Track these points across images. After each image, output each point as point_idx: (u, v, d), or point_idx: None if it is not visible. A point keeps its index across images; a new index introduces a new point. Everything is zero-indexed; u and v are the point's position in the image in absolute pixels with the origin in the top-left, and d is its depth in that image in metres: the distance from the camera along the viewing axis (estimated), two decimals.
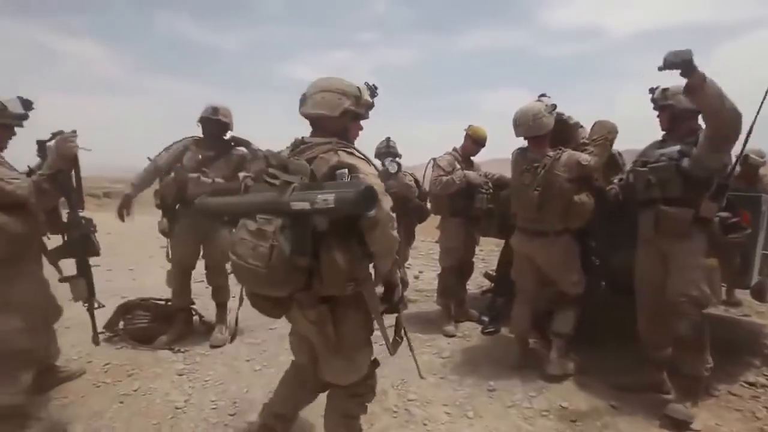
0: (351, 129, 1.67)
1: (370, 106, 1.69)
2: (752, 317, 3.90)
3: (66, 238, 2.26)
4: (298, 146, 1.57)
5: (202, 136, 3.12)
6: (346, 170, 1.43)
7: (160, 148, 3.13)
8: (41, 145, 2.21)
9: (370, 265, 1.56)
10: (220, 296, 3.27)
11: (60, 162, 2.08)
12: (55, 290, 2.36)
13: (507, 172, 4.80)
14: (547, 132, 2.65)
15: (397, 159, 3.73)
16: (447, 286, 3.61)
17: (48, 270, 2.30)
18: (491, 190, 3.52)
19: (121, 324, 3.14)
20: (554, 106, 2.64)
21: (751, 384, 2.68)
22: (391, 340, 1.65)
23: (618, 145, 2.81)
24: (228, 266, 3.20)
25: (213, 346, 3.08)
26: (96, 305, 2.33)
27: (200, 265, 3.28)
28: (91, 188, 10.87)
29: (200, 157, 3.01)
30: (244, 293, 1.62)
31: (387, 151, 3.82)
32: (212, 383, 2.63)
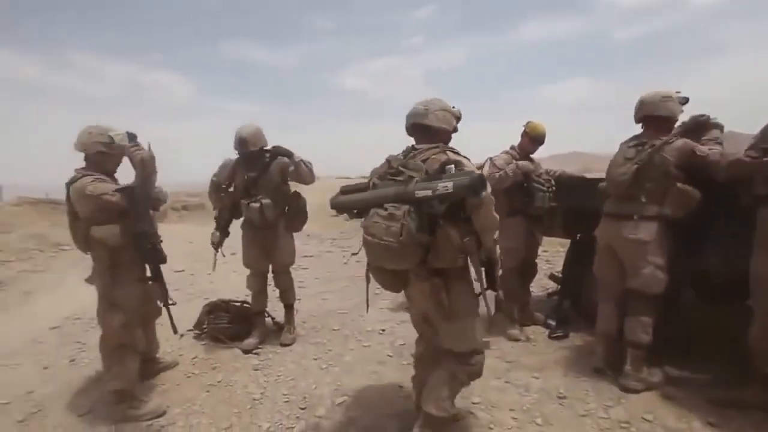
0: (451, 139, 2.06)
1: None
2: None
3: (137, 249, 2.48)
4: (410, 152, 1.92)
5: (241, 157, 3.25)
6: (453, 165, 1.72)
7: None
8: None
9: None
10: (287, 298, 3.48)
11: (141, 172, 2.32)
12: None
13: (570, 169, 4.63)
14: (671, 117, 2.52)
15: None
16: (509, 288, 3.51)
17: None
18: (553, 188, 3.41)
19: (205, 323, 3.46)
20: (686, 99, 2.53)
21: None
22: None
23: None
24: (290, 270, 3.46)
25: (283, 345, 3.30)
26: (171, 302, 2.59)
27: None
28: (174, 203, 11.96)
29: (246, 177, 3.18)
30: (368, 271, 1.96)
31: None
32: (284, 379, 2.83)
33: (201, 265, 5.54)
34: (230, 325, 3.38)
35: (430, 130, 1.97)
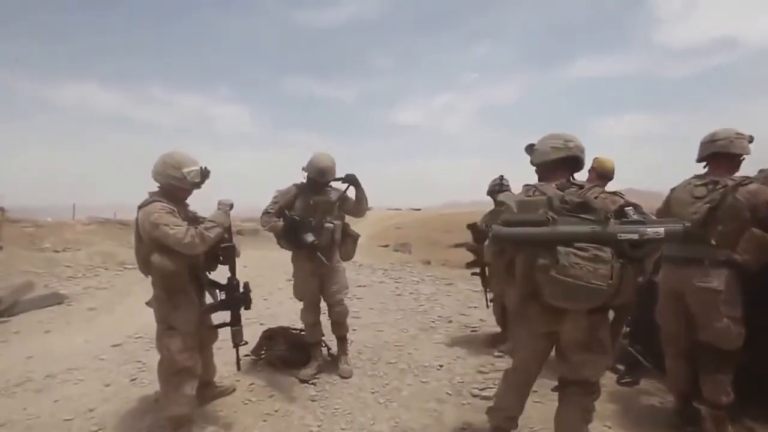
0: None
1: None
2: None
3: (225, 297, 2.53)
4: (566, 187, 1.94)
5: (305, 183, 3.22)
6: (632, 208, 1.75)
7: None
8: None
9: None
10: (341, 330, 3.40)
11: (223, 223, 2.44)
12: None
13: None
14: (740, 155, 2.38)
15: None
16: None
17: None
18: None
19: (263, 349, 3.47)
20: (752, 138, 2.39)
21: None
22: None
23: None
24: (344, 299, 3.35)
25: (343, 377, 3.22)
26: (243, 342, 2.58)
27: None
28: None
29: (312, 202, 3.16)
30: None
31: (500, 189, 3.77)
32: (341, 412, 2.75)
33: (257, 290, 5.64)
34: (288, 352, 3.36)
35: (577, 164, 2.05)
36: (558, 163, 2.03)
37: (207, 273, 2.57)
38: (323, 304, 3.37)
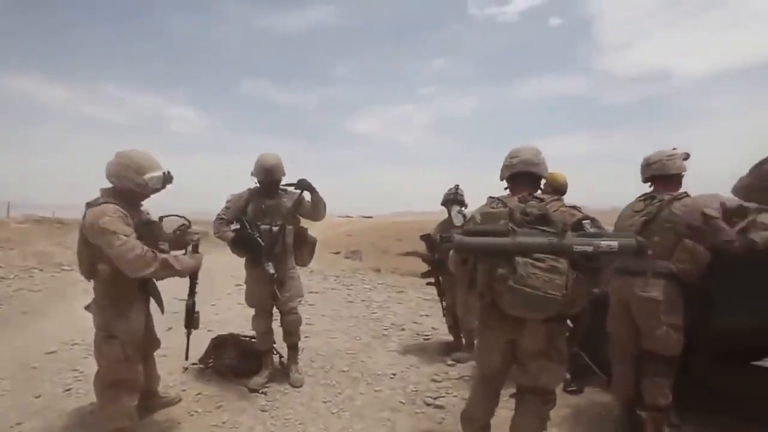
0: None
1: None
2: None
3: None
4: (526, 201, 1.98)
5: (258, 187, 3.20)
6: (590, 221, 1.83)
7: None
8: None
9: None
10: (292, 338, 3.33)
11: (193, 269, 2.40)
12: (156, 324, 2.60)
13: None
14: (677, 175, 2.54)
15: (463, 208, 3.75)
16: None
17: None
18: None
19: (212, 357, 3.34)
20: (687, 155, 2.57)
21: None
22: None
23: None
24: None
25: (294, 386, 3.16)
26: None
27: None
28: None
29: (263, 206, 3.14)
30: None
31: (455, 198, 3.84)
32: (292, 422, 2.70)
33: (205, 296, 5.45)
34: (237, 360, 3.25)
35: (535, 178, 2.10)
36: (513, 178, 2.11)
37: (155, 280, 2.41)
38: (276, 311, 3.29)
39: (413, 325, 4.98)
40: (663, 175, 2.55)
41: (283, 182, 3.20)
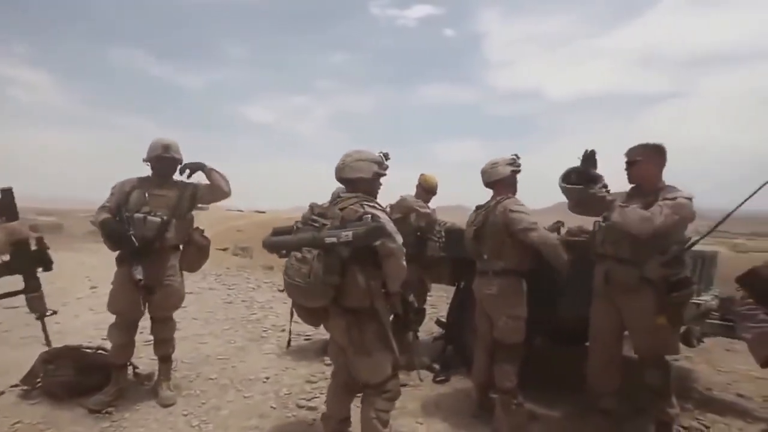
0: (377, 185, 2.24)
1: (386, 167, 2.27)
2: (681, 362, 4.12)
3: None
4: (335, 199, 2.14)
5: (150, 175, 2.90)
6: (370, 216, 1.93)
7: (114, 181, 2.90)
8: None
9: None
10: (165, 349, 2.97)
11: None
12: None
13: (458, 220, 5.01)
14: (501, 180, 2.75)
15: None
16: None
17: None
18: (443, 238, 3.60)
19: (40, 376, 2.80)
20: (512, 159, 2.79)
21: (686, 428, 2.76)
22: None
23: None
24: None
25: (165, 405, 2.78)
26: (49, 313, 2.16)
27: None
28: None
29: (147, 195, 2.78)
30: (292, 307, 2.16)
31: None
32: None
33: (49, 302, 4.61)
34: (76, 377, 2.77)
35: (349, 180, 2.18)
36: (339, 182, 2.24)
37: None
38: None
39: (295, 325, 4.78)
40: (491, 182, 2.81)
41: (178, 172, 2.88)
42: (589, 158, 2.60)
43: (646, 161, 2.46)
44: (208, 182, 2.89)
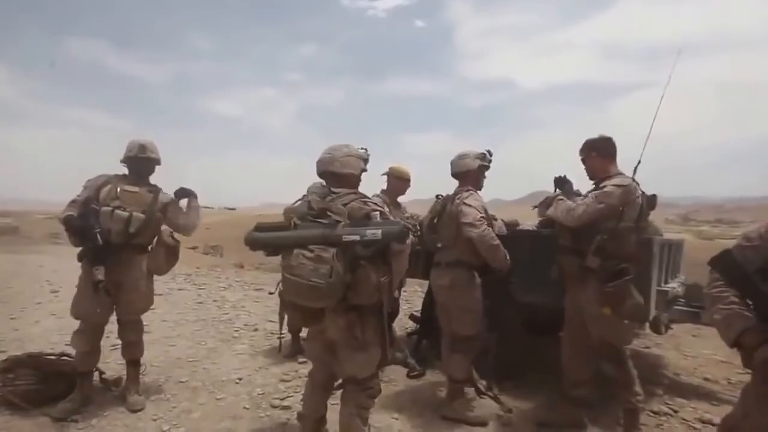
0: (359, 181, 2.20)
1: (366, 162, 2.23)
2: (652, 349, 4.29)
3: None
4: (327, 195, 2.01)
5: (126, 174, 2.87)
6: (378, 213, 1.92)
7: (71, 181, 2.88)
8: None
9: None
10: (133, 353, 2.89)
11: None
12: None
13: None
14: (467, 172, 2.80)
15: None
16: None
17: None
18: (418, 232, 3.61)
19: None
20: (482, 154, 2.83)
21: (655, 413, 2.87)
22: None
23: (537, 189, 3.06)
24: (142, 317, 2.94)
25: (133, 411, 2.70)
26: None
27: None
28: None
29: (118, 190, 2.71)
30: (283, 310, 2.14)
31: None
32: None
33: (3, 306, 4.40)
34: (38, 385, 2.66)
35: (337, 175, 2.09)
36: (321, 175, 2.16)
37: None
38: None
39: (268, 324, 4.78)
40: (457, 173, 2.86)
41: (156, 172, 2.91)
42: (560, 181, 2.71)
43: (592, 155, 2.56)
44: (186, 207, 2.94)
